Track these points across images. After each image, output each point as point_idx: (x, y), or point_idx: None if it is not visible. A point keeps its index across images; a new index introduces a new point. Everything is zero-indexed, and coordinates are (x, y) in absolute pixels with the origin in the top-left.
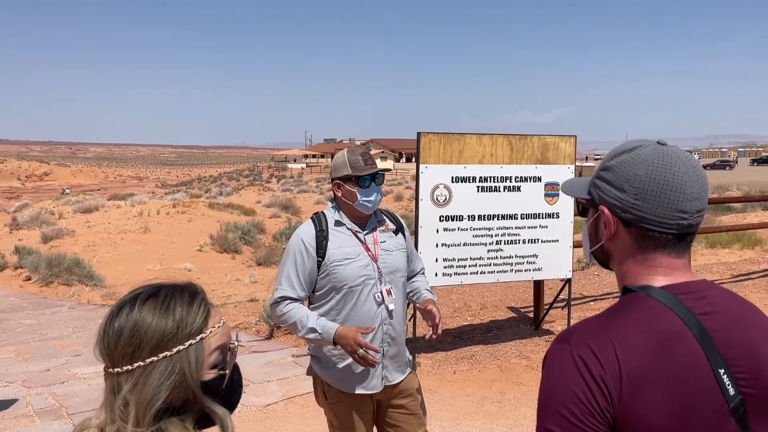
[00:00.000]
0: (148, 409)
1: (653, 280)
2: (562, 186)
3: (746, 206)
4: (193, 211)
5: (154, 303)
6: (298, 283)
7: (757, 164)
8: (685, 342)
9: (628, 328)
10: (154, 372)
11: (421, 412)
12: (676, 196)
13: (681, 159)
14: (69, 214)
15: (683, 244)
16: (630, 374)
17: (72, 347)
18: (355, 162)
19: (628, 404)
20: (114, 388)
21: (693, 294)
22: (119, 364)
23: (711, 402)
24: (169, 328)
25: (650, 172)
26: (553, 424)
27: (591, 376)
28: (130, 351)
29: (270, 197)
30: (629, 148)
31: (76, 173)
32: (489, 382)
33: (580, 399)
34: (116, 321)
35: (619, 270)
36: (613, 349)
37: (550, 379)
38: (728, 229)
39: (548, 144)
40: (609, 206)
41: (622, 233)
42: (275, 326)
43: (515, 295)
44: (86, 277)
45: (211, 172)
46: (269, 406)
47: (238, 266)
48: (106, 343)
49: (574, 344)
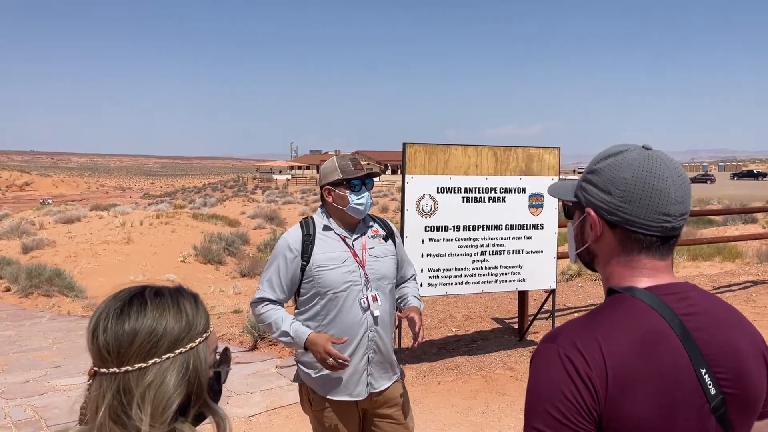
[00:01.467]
0: (167, 407)
1: (637, 281)
2: (548, 189)
3: (727, 220)
4: (176, 221)
5: (165, 302)
6: (279, 286)
7: (737, 178)
8: (668, 342)
9: (613, 327)
10: (171, 369)
11: (408, 422)
12: (660, 200)
13: (665, 163)
14: (50, 224)
15: (667, 247)
16: (616, 373)
17: (52, 358)
18: (345, 166)
19: (614, 402)
20: (121, 389)
21: (676, 295)
22: (131, 363)
23: (693, 401)
24: (182, 326)
25: (636, 176)
26: (541, 422)
27: (578, 375)
28: (147, 348)
29: (255, 208)
30: (615, 152)
31: (57, 183)
32: (474, 393)
33: (567, 397)
34: (126, 321)
35: (604, 271)
36: (599, 348)
37: (537, 378)
38: (709, 241)
39: (532, 155)
40: (595, 208)
41: (607, 235)
42: (259, 337)
43: (500, 306)
44: (67, 288)
45: (196, 183)
46: (253, 417)
47: (222, 277)
48: (115, 342)
49: (561, 344)
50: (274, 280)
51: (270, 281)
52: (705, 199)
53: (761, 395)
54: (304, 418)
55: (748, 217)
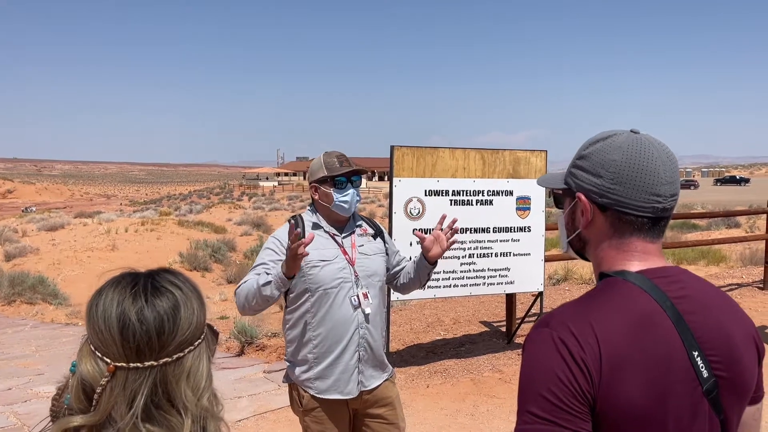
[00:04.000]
0: (203, 394)
1: (629, 264)
2: (538, 180)
3: (711, 225)
4: (162, 228)
5: (184, 284)
6: (265, 272)
7: (720, 184)
8: (661, 324)
9: (606, 310)
10: (202, 354)
11: (399, 422)
12: (651, 180)
13: (654, 145)
14: (33, 231)
15: (657, 229)
16: (609, 355)
17: (35, 366)
18: (330, 164)
19: (608, 385)
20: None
21: (668, 278)
22: (170, 354)
23: (686, 383)
24: (204, 308)
25: (625, 157)
26: (535, 406)
27: (572, 358)
28: (188, 337)
29: (241, 215)
30: (604, 137)
31: (41, 191)
32: (462, 396)
33: (562, 381)
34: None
35: (595, 257)
36: (592, 331)
37: (530, 362)
38: (694, 244)
39: (519, 158)
40: (585, 193)
41: (598, 219)
42: (246, 343)
43: (488, 310)
44: (50, 295)
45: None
46: (240, 422)
47: (208, 284)
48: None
49: (554, 327)
50: (259, 268)
51: (255, 269)
52: (689, 204)
53: (752, 379)
54: (291, 422)
55: (732, 222)
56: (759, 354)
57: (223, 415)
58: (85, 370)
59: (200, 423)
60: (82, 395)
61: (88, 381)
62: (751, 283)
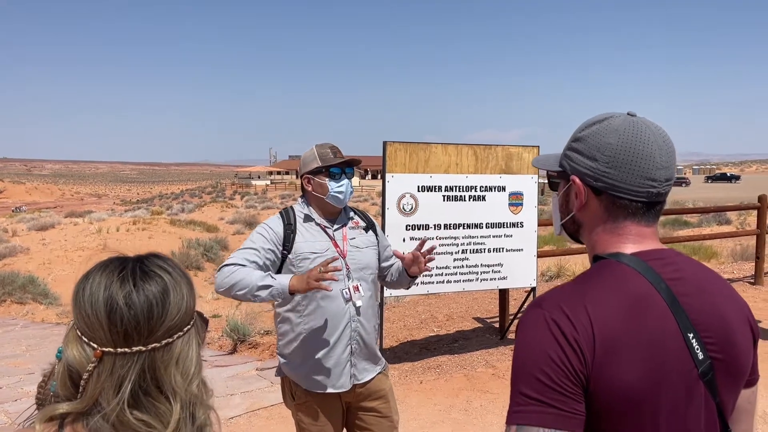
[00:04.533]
0: (192, 381)
1: (623, 247)
2: (533, 161)
3: (702, 221)
4: (153, 227)
5: (174, 269)
6: (255, 255)
7: (711, 181)
8: (655, 306)
9: (600, 291)
10: (191, 340)
11: (393, 415)
12: (646, 164)
13: (651, 129)
14: (23, 231)
15: (652, 213)
16: (603, 336)
17: (25, 365)
18: (324, 155)
19: (601, 365)
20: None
21: (662, 260)
22: (159, 339)
23: (681, 365)
24: (194, 293)
25: (621, 141)
26: (528, 387)
27: (564, 338)
28: (178, 322)
29: (233, 214)
30: (600, 119)
31: (31, 190)
32: (456, 391)
33: (554, 361)
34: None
35: (589, 239)
36: (585, 311)
37: (523, 343)
38: (686, 239)
39: (512, 154)
40: (580, 175)
41: (592, 202)
42: (239, 340)
43: (481, 306)
44: (41, 295)
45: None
46: (233, 419)
47: (201, 283)
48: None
49: (548, 308)
50: (248, 252)
51: (243, 252)
52: (680, 201)
53: (748, 361)
54: (284, 419)
55: (723, 219)
56: (754, 336)
57: (212, 403)
58: (72, 356)
59: (189, 410)
60: (68, 381)
61: (74, 367)
62: (742, 279)
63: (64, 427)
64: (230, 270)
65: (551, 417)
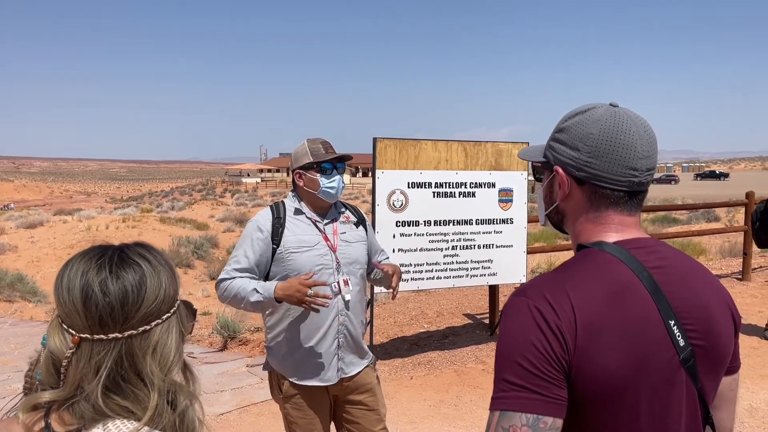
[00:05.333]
0: (171, 369)
1: (606, 236)
2: (519, 153)
3: (691, 218)
4: (143, 225)
5: (154, 257)
6: (248, 263)
7: (700, 179)
8: (637, 293)
9: (582, 279)
10: (171, 328)
11: (380, 408)
12: (627, 154)
13: (632, 119)
14: (11, 229)
15: (634, 202)
16: (585, 323)
17: (14, 363)
18: (315, 150)
19: (584, 352)
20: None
21: (644, 249)
22: (135, 326)
23: (662, 352)
24: (175, 282)
25: (603, 131)
26: (511, 373)
27: (547, 325)
28: (155, 310)
29: (224, 211)
30: (583, 110)
31: (19, 188)
32: (446, 387)
33: (537, 347)
34: (127, 280)
35: (573, 229)
36: (568, 299)
37: (507, 330)
38: (675, 235)
39: (501, 150)
40: (563, 166)
41: (575, 192)
42: (229, 337)
43: (471, 303)
44: (29, 293)
45: (163, 187)
46: (223, 415)
47: (191, 281)
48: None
49: (531, 296)
50: (242, 260)
51: (238, 260)
52: (669, 198)
53: (729, 349)
54: (274, 415)
55: (711, 216)
56: (735, 324)
57: (197, 393)
58: (53, 343)
59: (168, 396)
60: (51, 368)
61: (56, 354)
62: (729, 275)
63: (50, 415)
64: (223, 287)
65: (534, 403)
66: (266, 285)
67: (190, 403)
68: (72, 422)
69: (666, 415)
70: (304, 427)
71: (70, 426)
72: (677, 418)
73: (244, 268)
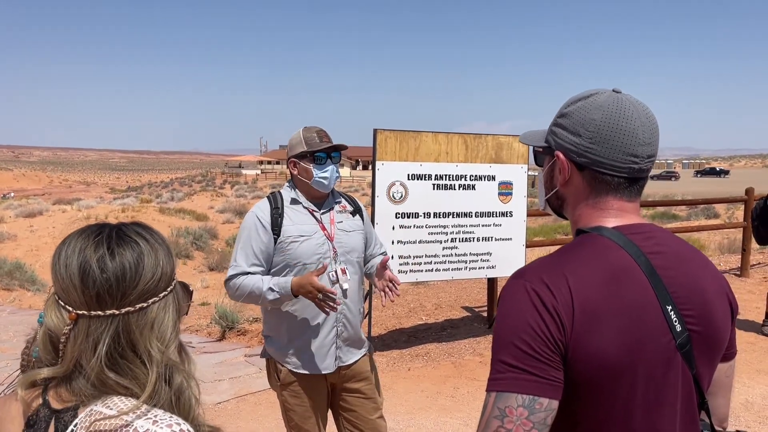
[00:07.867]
0: (168, 346)
1: (605, 221)
2: (521, 137)
3: (691, 215)
4: (143, 215)
5: (152, 235)
6: (254, 257)
7: (700, 175)
8: (634, 278)
9: (580, 263)
10: (168, 306)
11: (377, 397)
12: (628, 140)
13: (635, 105)
14: (11, 218)
15: (634, 189)
16: (582, 306)
17: (12, 351)
18: (310, 139)
19: (580, 335)
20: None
21: (643, 234)
22: (132, 303)
23: (659, 337)
24: (172, 260)
25: (605, 117)
26: (508, 355)
27: (544, 307)
28: (152, 287)
29: (223, 203)
30: (586, 96)
31: (18, 177)
32: (443, 378)
33: (533, 329)
34: (125, 257)
35: (572, 214)
36: (566, 282)
37: (504, 312)
38: (675, 231)
39: (502, 143)
40: (564, 151)
41: (576, 178)
42: (227, 327)
43: (469, 296)
44: (28, 281)
45: (163, 178)
46: (220, 404)
47: (190, 272)
48: (117, 282)
49: (529, 278)
50: (248, 252)
51: (245, 255)
52: (669, 195)
53: (725, 335)
54: (272, 404)
55: (711, 213)
56: (732, 310)
57: (193, 372)
58: (50, 320)
59: (166, 374)
60: (49, 346)
61: (53, 331)
62: (728, 270)
63: (48, 392)
64: (234, 286)
65: (530, 384)
66: (281, 282)
67: (187, 382)
68: (70, 399)
69: (661, 400)
70: (301, 415)
71: (68, 402)
72: (672, 402)
73: (251, 263)
